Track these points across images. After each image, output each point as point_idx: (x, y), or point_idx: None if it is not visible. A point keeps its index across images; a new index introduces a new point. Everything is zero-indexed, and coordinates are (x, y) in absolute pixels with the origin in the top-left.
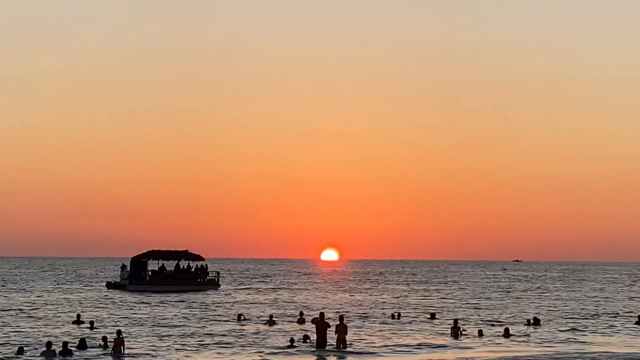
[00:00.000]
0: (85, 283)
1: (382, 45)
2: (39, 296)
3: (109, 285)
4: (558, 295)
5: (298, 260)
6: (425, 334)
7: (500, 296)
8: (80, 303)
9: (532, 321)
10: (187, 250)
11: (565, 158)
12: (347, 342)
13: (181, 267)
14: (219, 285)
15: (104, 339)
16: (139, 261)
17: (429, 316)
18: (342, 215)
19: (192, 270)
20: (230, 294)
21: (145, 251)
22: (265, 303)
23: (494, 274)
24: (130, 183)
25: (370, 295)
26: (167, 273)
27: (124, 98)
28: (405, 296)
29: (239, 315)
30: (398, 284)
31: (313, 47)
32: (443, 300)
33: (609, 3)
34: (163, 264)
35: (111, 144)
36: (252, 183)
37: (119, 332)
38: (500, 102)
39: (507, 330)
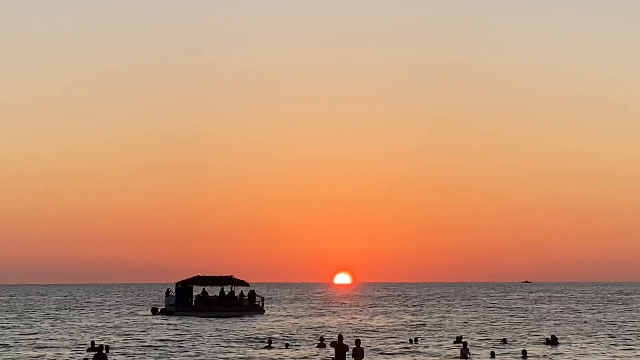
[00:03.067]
0: (129, 309)
1: (392, 68)
2: (85, 324)
3: (155, 312)
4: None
5: (312, 284)
6: (440, 357)
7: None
8: (139, 329)
9: (550, 339)
10: (231, 276)
11: (576, 177)
12: None
13: (225, 293)
14: (264, 311)
15: (106, 347)
16: (185, 287)
17: (455, 340)
18: (354, 238)
19: (236, 295)
20: (275, 319)
21: (190, 277)
22: (312, 328)
23: (513, 295)
24: (137, 207)
25: (387, 319)
26: (213, 299)
27: (139, 122)
28: (421, 319)
29: (269, 340)
30: (412, 307)
31: (324, 71)
32: (459, 322)
33: (615, 23)
34: (203, 289)
35: (118, 170)
36: (264, 207)
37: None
38: (508, 124)
39: (524, 352)
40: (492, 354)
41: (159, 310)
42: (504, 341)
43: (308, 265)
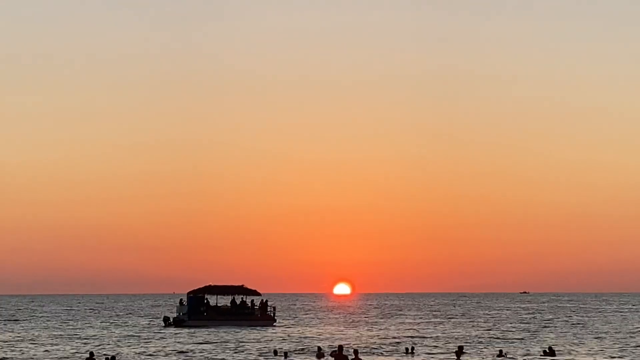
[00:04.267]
0: (139, 319)
1: (391, 77)
2: (92, 335)
3: (167, 321)
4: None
5: (311, 295)
6: None
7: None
8: (151, 340)
9: (547, 351)
10: (243, 285)
11: (573, 187)
12: None
13: (237, 303)
14: (275, 320)
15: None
16: (197, 296)
17: (457, 349)
18: (353, 248)
19: (247, 304)
20: (287, 329)
21: (201, 286)
22: (326, 338)
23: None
24: (137, 217)
25: (386, 329)
26: (225, 308)
27: (143, 130)
28: (418, 329)
29: (275, 351)
30: (411, 318)
31: (320, 78)
32: (457, 332)
33: (613, 34)
34: (207, 299)
35: (118, 178)
36: (263, 216)
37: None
38: (507, 132)
39: None
40: None
41: (171, 320)
42: (500, 353)
43: (307, 275)
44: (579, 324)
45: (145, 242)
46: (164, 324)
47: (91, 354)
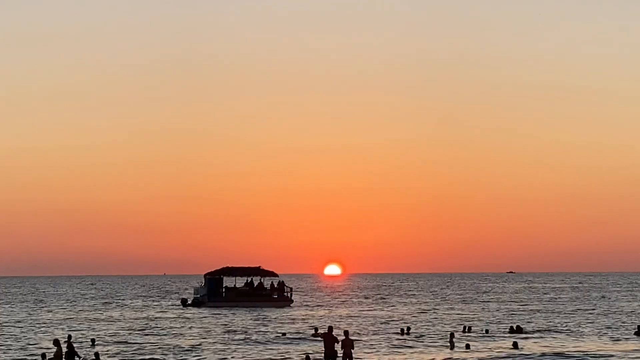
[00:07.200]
0: (154, 301)
1: (381, 60)
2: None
3: (184, 303)
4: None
5: (303, 275)
6: (429, 347)
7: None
8: (186, 323)
9: (514, 329)
10: (260, 267)
11: (559, 169)
12: (354, 357)
13: (254, 284)
14: (292, 301)
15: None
16: (215, 278)
17: (463, 329)
18: (343, 229)
19: (265, 286)
20: (304, 310)
21: (218, 268)
22: (342, 318)
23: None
24: (129, 201)
25: (381, 310)
26: (243, 290)
27: (133, 117)
28: (413, 309)
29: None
30: (405, 298)
31: (312, 62)
32: (447, 313)
33: (607, 14)
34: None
35: (113, 163)
36: (253, 198)
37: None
38: (494, 114)
39: (515, 344)
40: (467, 346)
41: (190, 302)
42: (486, 332)
43: (298, 256)
44: (557, 302)
45: (137, 225)
46: (182, 306)
47: (69, 337)
